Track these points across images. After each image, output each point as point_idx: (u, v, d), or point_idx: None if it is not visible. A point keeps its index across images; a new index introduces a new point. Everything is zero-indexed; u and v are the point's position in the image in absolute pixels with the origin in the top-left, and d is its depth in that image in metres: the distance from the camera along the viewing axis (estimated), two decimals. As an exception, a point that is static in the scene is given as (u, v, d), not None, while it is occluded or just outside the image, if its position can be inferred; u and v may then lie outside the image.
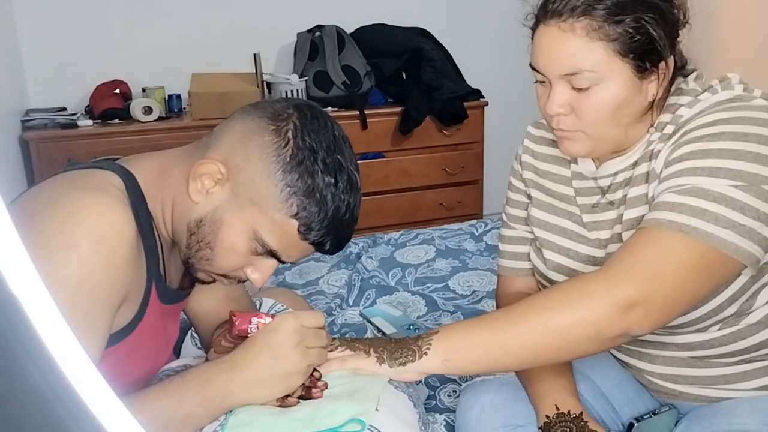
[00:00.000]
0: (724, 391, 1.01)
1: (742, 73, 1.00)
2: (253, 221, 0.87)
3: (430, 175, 3.04)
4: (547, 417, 0.99)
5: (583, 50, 0.91)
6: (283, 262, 0.92)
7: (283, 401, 0.89)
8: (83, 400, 0.29)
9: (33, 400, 0.29)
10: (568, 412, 0.99)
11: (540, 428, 1.00)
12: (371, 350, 0.94)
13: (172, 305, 1.02)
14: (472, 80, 3.09)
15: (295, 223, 0.86)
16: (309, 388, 0.90)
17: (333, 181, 0.86)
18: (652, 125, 0.99)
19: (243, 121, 0.90)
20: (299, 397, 0.90)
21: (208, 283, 0.97)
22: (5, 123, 2.44)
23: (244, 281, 0.96)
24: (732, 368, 1.00)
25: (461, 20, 3.30)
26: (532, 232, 1.17)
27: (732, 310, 0.95)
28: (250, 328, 0.91)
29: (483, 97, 3.06)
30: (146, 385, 0.94)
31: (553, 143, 1.11)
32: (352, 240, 2.18)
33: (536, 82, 1.00)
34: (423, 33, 3.11)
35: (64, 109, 2.77)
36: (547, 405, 1.00)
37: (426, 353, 0.91)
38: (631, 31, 0.90)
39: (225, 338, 0.98)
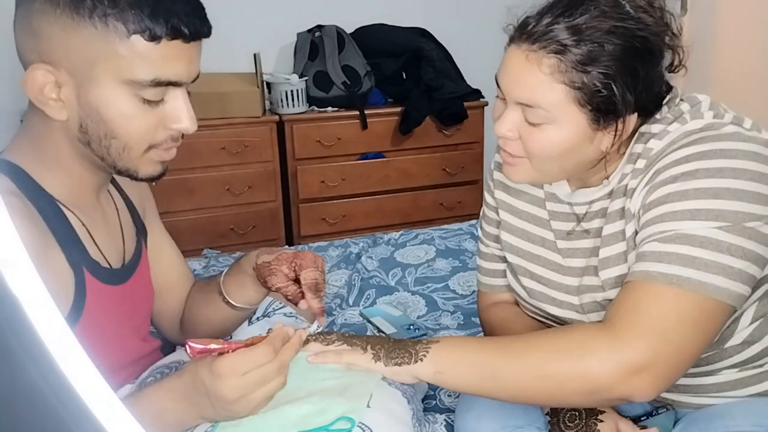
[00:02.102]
0: (717, 399, 1.00)
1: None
2: (111, 75, 0.80)
3: (430, 175, 3.04)
4: None
5: (543, 87, 0.88)
6: (182, 84, 0.85)
7: None
8: (83, 400, 0.29)
9: (33, 400, 0.29)
10: None
11: (547, 414, 1.00)
12: (368, 347, 0.94)
13: (126, 283, 0.97)
14: (472, 80, 3.09)
15: (137, 37, 0.78)
16: None
17: None
18: (613, 166, 0.96)
19: (16, 20, 0.82)
20: None
21: (160, 175, 0.91)
22: (5, 123, 2.44)
23: (180, 137, 0.89)
24: (724, 377, 0.99)
25: (461, 20, 3.30)
26: (503, 254, 1.16)
27: (714, 338, 0.94)
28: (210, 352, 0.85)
29: (483, 97, 3.06)
30: (122, 370, 0.91)
31: None
32: (351, 240, 2.19)
33: (497, 96, 0.98)
34: (423, 33, 3.11)
35: (64, 109, 2.77)
36: None
37: (422, 359, 0.91)
38: (597, 84, 0.86)
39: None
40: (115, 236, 0.99)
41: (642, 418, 1.02)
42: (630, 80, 0.88)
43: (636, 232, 0.92)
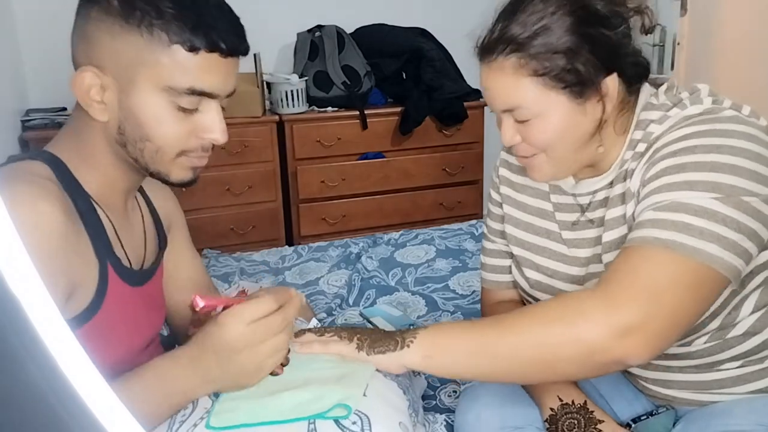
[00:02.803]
0: (719, 396, 1.00)
1: (740, 87, 0.99)
2: (151, 82, 0.85)
3: (430, 175, 3.05)
4: (552, 409, 0.99)
5: (514, 87, 0.92)
6: (217, 97, 0.89)
7: None
8: (83, 400, 0.29)
9: (33, 400, 0.29)
10: (572, 402, 0.98)
11: (546, 421, 0.99)
12: (354, 337, 0.94)
13: (142, 287, 1.00)
14: (472, 80, 3.09)
15: (177, 47, 0.83)
16: None
17: None
18: (615, 134, 0.98)
19: (74, 26, 0.88)
20: None
21: (191, 181, 0.95)
22: (5, 123, 2.44)
23: (210, 147, 0.93)
24: (725, 373, 0.99)
25: (461, 20, 3.30)
26: (509, 249, 1.16)
27: (715, 324, 0.94)
28: (214, 312, 0.88)
29: (483, 97, 3.06)
30: (126, 368, 0.93)
31: None
32: (351, 240, 2.20)
33: (491, 111, 1.02)
34: (423, 33, 3.11)
35: (64, 109, 2.77)
36: (549, 397, 1.00)
37: (408, 346, 0.90)
38: (560, 63, 0.90)
39: (193, 325, 0.96)
40: (137, 240, 1.02)
41: (642, 417, 1.02)
42: (590, 47, 0.91)
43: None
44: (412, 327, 1.50)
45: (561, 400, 0.99)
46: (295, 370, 0.91)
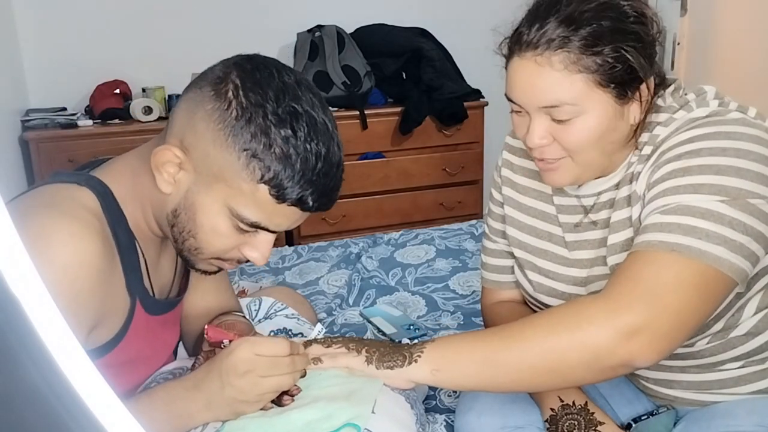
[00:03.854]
0: (720, 396, 1.00)
1: (740, 88, 0.99)
2: (225, 197, 0.83)
3: (430, 175, 3.04)
4: (552, 410, 0.98)
5: (562, 83, 0.89)
6: (273, 232, 0.88)
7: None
8: (83, 400, 0.29)
9: (33, 400, 0.29)
10: (573, 403, 0.98)
11: (546, 421, 0.99)
12: (363, 350, 0.94)
13: (160, 316, 1.00)
14: (472, 80, 3.09)
15: (264, 188, 0.81)
16: (281, 394, 0.89)
17: (290, 131, 0.80)
18: (636, 147, 0.97)
19: (188, 95, 0.85)
20: (273, 402, 0.89)
21: (213, 272, 0.94)
22: (5, 123, 2.44)
23: (246, 262, 0.92)
24: (727, 373, 0.99)
25: (461, 20, 3.30)
26: (511, 249, 1.16)
27: (719, 326, 0.94)
28: (223, 344, 0.90)
29: (483, 97, 3.06)
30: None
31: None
32: (351, 240, 2.19)
33: (512, 111, 0.98)
34: (423, 33, 3.11)
35: (64, 109, 2.77)
36: (550, 398, 0.99)
37: (416, 360, 0.90)
38: (610, 61, 0.88)
39: (203, 354, 0.97)
40: (167, 273, 1.02)
41: (642, 417, 1.02)
42: (637, 45, 0.90)
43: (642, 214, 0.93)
44: (418, 331, 1.50)
45: (562, 400, 0.99)
46: (303, 386, 0.91)
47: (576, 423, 0.96)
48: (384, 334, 1.53)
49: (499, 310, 1.18)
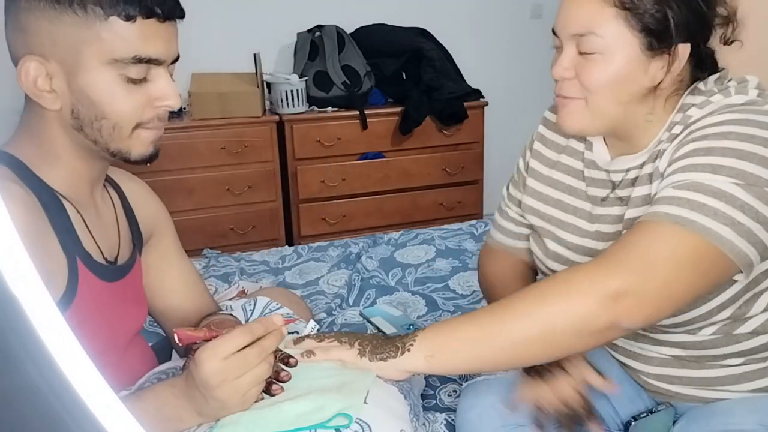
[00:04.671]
0: (720, 393, 1.00)
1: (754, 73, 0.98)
2: (96, 58, 0.84)
3: (430, 175, 3.05)
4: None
5: (596, 12, 0.91)
6: (163, 63, 0.89)
7: None
8: (83, 400, 0.29)
9: (33, 400, 0.29)
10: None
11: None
12: (356, 343, 0.94)
13: (117, 282, 0.99)
14: (472, 80, 3.09)
15: (114, 19, 0.83)
16: (270, 383, 0.89)
17: None
18: (662, 110, 0.97)
19: (5, 23, 0.87)
20: (263, 391, 0.89)
21: (152, 156, 0.94)
22: (5, 123, 2.44)
23: (166, 116, 0.93)
24: (727, 370, 0.99)
25: (461, 20, 3.30)
26: (525, 218, 1.18)
27: (725, 315, 0.94)
28: (194, 346, 0.88)
29: (483, 97, 3.06)
30: (107, 364, 0.92)
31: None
32: (351, 240, 2.19)
33: (554, 46, 1.00)
34: (423, 33, 3.11)
35: (64, 109, 2.77)
36: None
37: (409, 350, 0.90)
38: (648, 6, 0.90)
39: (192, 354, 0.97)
40: (110, 234, 1.01)
41: (642, 415, 1.02)
42: (683, 6, 0.90)
43: None
44: (414, 328, 1.50)
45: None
46: (295, 379, 0.91)
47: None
48: (384, 334, 1.53)
49: (502, 264, 1.23)
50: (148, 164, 0.97)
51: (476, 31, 3.32)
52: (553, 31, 0.99)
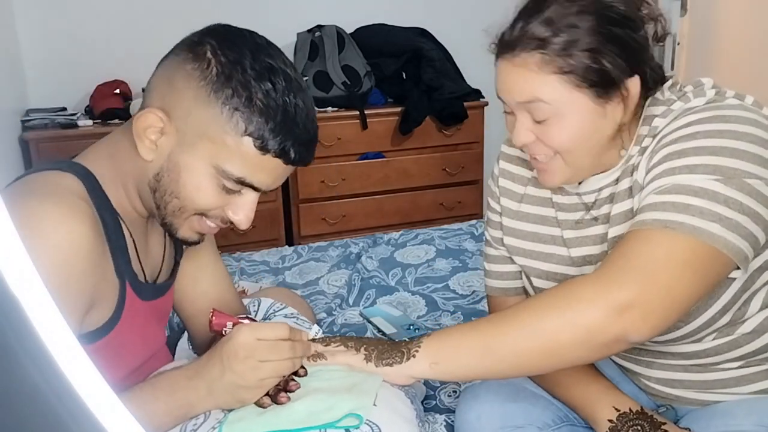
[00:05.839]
0: (721, 395, 1.00)
1: (741, 80, 0.99)
2: (210, 155, 0.84)
3: (430, 175, 3.04)
4: (611, 421, 0.96)
5: (536, 82, 0.90)
6: (261, 191, 0.89)
7: (259, 400, 0.89)
8: (83, 400, 0.29)
9: (33, 400, 0.29)
10: (630, 409, 0.97)
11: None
12: (362, 348, 0.95)
13: (155, 300, 1.01)
14: (472, 80, 3.09)
15: (249, 140, 0.83)
16: (278, 391, 0.89)
17: (270, 85, 0.83)
18: (630, 140, 0.97)
19: (164, 64, 0.88)
20: (270, 398, 0.89)
21: (195, 242, 0.95)
22: (5, 123, 2.44)
23: (228, 224, 0.93)
24: (729, 373, 0.99)
25: (461, 20, 3.30)
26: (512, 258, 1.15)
27: (726, 319, 0.94)
28: (225, 330, 0.91)
29: (483, 97, 3.06)
30: (136, 379, 0.94)
31: (529, 163, 1.08)
32: (351, 240, 2.19)
33: (504, 112, 1.00)
34: (423, 33, 3.11)
35: (64, 109, 2.77)
36: (604, 410, 0.98)
37: (414, 356, 0.91)
38: (585, 62, 0.89)
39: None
40: (155, 255, 1.03)
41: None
42: (615, 47, 0.90)
43: None
44: (418, 331, 1.50)
45: (618, 410, 0.97)
46: (306, 379, 0.92)
47: (640, 427, 0.95)
48: (384, 334, 1.53)
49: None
50: (185, 246, 0.99)
51: (476, 31, 3.32)
52: (498, 96, 0.98)
